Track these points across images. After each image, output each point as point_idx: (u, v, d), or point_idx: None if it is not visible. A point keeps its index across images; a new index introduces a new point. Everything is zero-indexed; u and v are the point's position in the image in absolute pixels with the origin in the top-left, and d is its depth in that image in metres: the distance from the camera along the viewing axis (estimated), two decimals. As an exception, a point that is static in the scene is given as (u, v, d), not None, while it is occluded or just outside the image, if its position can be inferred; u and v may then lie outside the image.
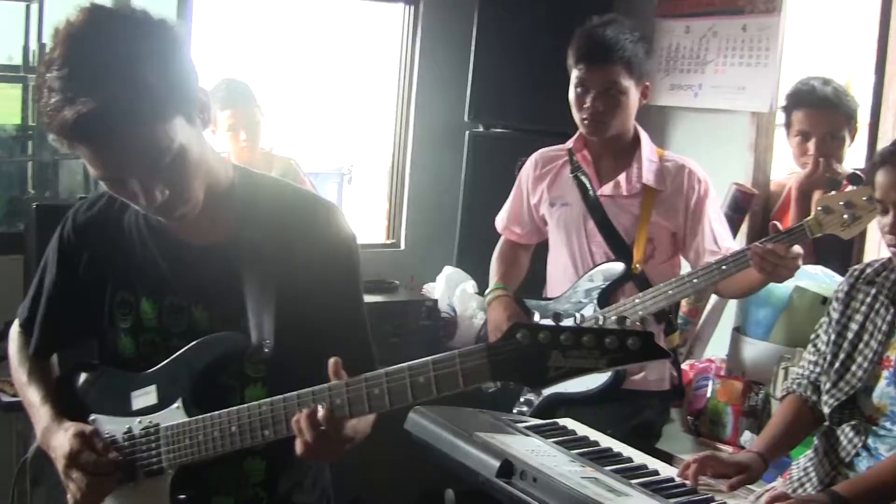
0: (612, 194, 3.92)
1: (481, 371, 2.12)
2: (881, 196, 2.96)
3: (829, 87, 4.28)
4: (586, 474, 2.66)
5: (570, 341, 2.04)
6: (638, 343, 2.03)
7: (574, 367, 2.05)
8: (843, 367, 3.12)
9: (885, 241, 3.00)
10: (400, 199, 5.75)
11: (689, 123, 5.21)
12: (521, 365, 2.08)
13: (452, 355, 2.15)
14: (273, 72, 7.76)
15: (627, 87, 3.84)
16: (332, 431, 2.26)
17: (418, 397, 2.18)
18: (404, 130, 5.72)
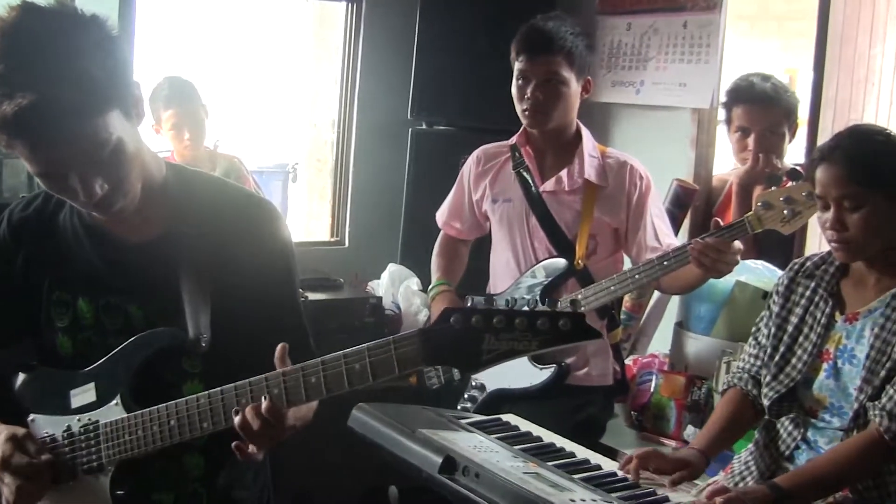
0: (554, 190, 3.93)
1: (415, 356, 2.15)
2: (821, 192, 2.98)
3: (768, 83, 4.32)
4: (529, 469, 2.67)
5: (502, 324, 2.07)
6: (569, 324, 2.06)
7: (507, 349, 2.08)
8: (783, 360, 3.14)
9: (826, 236, 3.02)
10: (344, 196, 5.74)
11: (632, 120, 5.24)
12: (455, 348, 2.11)
13: (387, 341, 2.18)
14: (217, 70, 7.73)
15: (568, 78, 3.86)
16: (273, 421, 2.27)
17: (354, 384, 2.20)
18: (347, 128, 5.71)
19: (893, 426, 2.82)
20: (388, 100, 5.55)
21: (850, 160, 2.92)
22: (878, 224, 2.93)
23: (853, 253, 3.00)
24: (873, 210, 2.91)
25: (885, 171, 2.93)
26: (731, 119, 4.41)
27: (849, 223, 2.93)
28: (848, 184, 2.91)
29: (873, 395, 2.91)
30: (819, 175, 2.98)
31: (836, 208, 2.94)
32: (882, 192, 2.91)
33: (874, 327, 2.98)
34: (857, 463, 2.88)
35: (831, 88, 4.54)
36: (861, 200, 2.91)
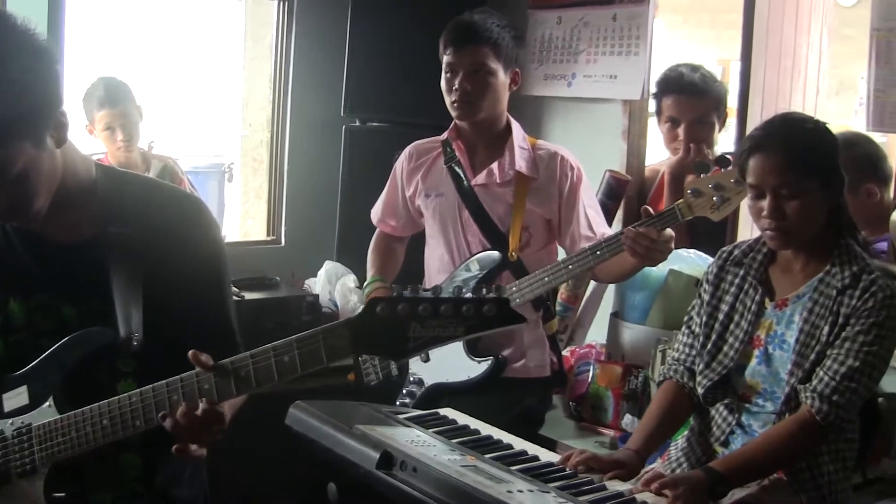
0: (486, 183, 3.95)
1: (343, 346, 2.17)
2: (757, 181, 3.01)
3: (697, 73, 4.35)
4: (466, 462, 2.68)
5: (427, 311, 2.09)
6: (494, 310, 2.09)
7: (433, 336, 2.10)
8: (716, 348, 3.18)
9: (761, 224, 3.06)
10: (279, 195, 5.72)
11: (564, 113, 5.26)
12: (382, 337, 2.13)
13: (315, 332, 2.19)
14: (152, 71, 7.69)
15: (495, 68, 3.88)
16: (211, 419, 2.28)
17: (284, 376, 2.22)
18: (281, 127, 5.70)
19: (824, 407, 2.88)
20: (321, 98, 5.53)
21: (786, 149, 2.97)
22: (813, 212, 2.99)
23: (789, 241, 3.05)
24: (809, 198, 2.96)
25: (818, 159, 2.99)
26: (661, 110, 4.44)
27: (787, 211, 2.97)
28: (786, 172, 2.96)
29: (803, 378, 2.96)
30: (753, 164, 3.02)
31: (774, 197, 2.98)
32: (816, 180, 2.96)
33: (803, 312, 3.03)
34: (790, 445, 2.94)
35: (759, 78, 4.60)
36: (798, 189, 2.95)
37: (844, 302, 2.96)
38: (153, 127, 5.47)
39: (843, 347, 2.93)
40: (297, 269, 5.40)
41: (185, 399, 2.29)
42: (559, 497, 2.55)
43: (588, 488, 2.70)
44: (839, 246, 3.06)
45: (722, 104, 4.41)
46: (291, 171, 5.66)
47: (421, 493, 2.49)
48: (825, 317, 2.98)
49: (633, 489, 2.74)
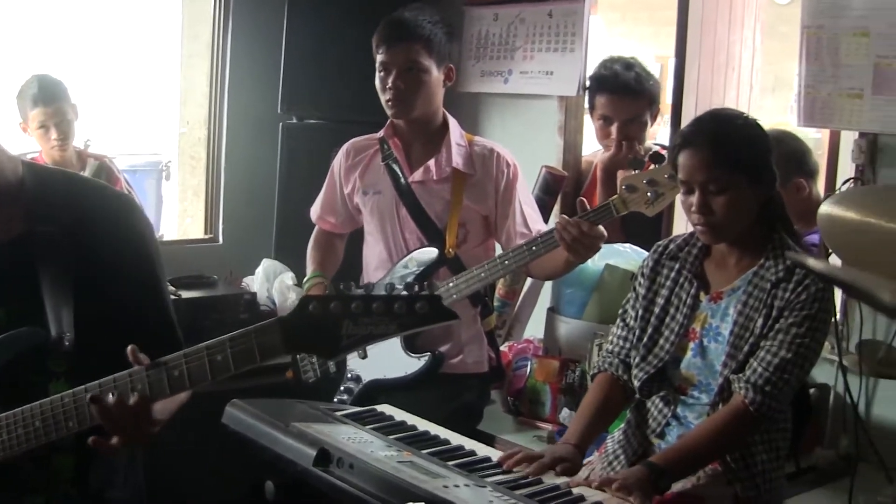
0: (423, 180, 3.97)
1: (276, 344, 2.18)
2: (685, 177, 3.05)
3: (631, 71, 4.36)
4: (403, 458, 2.69)
5: (360, 309, 2.10)
6: (426, 307, 2.10)
7: (365, 333, 2.11)
8: (652, 341, 3.22)
9: (692, 220, 3.10)
10: (216, 193, 5.69)
11: (500, 109, 5.28)
12: (315, 335, 2.13)
13: (248, 331, 2.20)
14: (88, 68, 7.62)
15: (428, 66, 3.90)
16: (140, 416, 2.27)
17: (217, 375, 2.22)
18: (218, 124, 5.67)
19: (757, 397, 2.92)
20: (258, 95, 5.51)
21: (714, 145, 3.00)
22: (742, 207, 3.02)
23: (719, 235, 3.08)
24: (737, 193, 3.00)
25: (747, 155, 3.02)
26: (594, 106, 4.46)
27: (714, 207, 3.00)
28: (713, 168, 2.99)
29: (736, 369, 3.00)
30: (683, 160, 3.05)
31: (702, 193, 3.01)
32: (745, 175, 3.00)
33: (737, 305, 3.07)
34: (725, 435, 2.97)
35: (693, 74, 4.65)
36: (725, 184, 2.99)
37: (778, 295, 3.00)
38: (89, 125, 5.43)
39: (777, 339, 2.97)
40: (234, 268, 5.38)
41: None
42: (496, 492, 2.57)
43: (525, 482, 2.72)
44: (773, 240, 3.10)
45: (655, 102, 4.43)
46: (229, 168, 5.64)
47: (358, 490, 2.50)
48: (759, 309, 3.02)
49: (569, 482, 2.76)
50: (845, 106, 3.88)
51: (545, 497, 2.60)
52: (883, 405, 3.85)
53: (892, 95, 3.74)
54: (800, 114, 4.03)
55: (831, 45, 3.89)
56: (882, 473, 3.65)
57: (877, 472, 3.66)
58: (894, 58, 3.72)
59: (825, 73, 3.91)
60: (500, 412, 4.30)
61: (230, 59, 5.58)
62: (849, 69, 3.85)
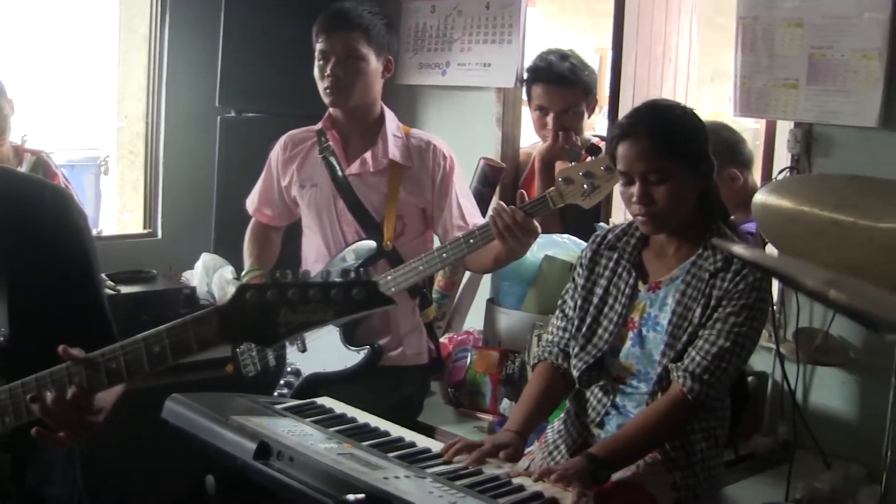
0: (360, 172, 3.97)
1: (213, 334, 2.17)
2: (625, 168, 3.06)
3: (566, 62, 4.39)
4: (343, 450, 2.68)
5: (297, 297, 2.10)
6: (363, 293, 2.11)
7: (302, 320, 2.12)
8: (591, 331, 3.23)
9: (632, 210, 3.11)
10: (155, 187, 5.65)
11: (438, 101, 5.28)
12: (252, 324, 2.13)
13: (185, 321, 2.19)
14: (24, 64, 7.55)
15: (367, 54, 3.91)
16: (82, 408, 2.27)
17: (155, 366, 2.21)
18: (156, 118, 5.63)
19: (695, 386, 2.94)
20: (196, 89, 5.48)
21: (653, 135, 3.02)
22: (683, 196, 3.05)
23: (660, 226, 3.10)
24: (677, 182, 3.02)
25: (685, 143, 3.04)
26: (531, 97, 4.49)
27: (655, 196, 3.02)
28: (653, 158, 3.01)
29: (675, 358, 3.02)
30: (622, 151, 3.07)
31: (642, 183, 3.03)
32: (683, 164, 3.02)
33: (676, 294, 3.09)
34: (664, 424, 2.99)
35: (630, 66, 4.67)
36: (666, 174, 3.01)
37: (716, 284, 3.02)
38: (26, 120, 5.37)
39: (715, 328, 2.99)
40: (174, 262, 5.35)
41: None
42: (436, 482, 2.56)
43: (465, 473, 2.71)
44: (711, 230, 3.12)
45: (591, 93, 4.46)
46: (167, 163, 5.60)
47: (298, 482, 2.49)
48: (697, 299, 3.04)
49: (510, 472, 2.76)
50: (780, 96, 3.91)
51: (485, 487, 2.59)
52: (820, 392, 3.89)
53: (826, 86, 3.77)
54: (736, 104, 4.06)
55: (766, 35, 3.92)
56: (819, 459, 3.68)
57: (814, 458, 3.69)
58: (828, 48, 3.75)
59: (761, 64, 3.95)
60: (441, 403, 4.31)
61: (167, 52, 5.54)
62: (784, 60, 3.89)
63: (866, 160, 3.69)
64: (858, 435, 3.72)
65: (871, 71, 3.64)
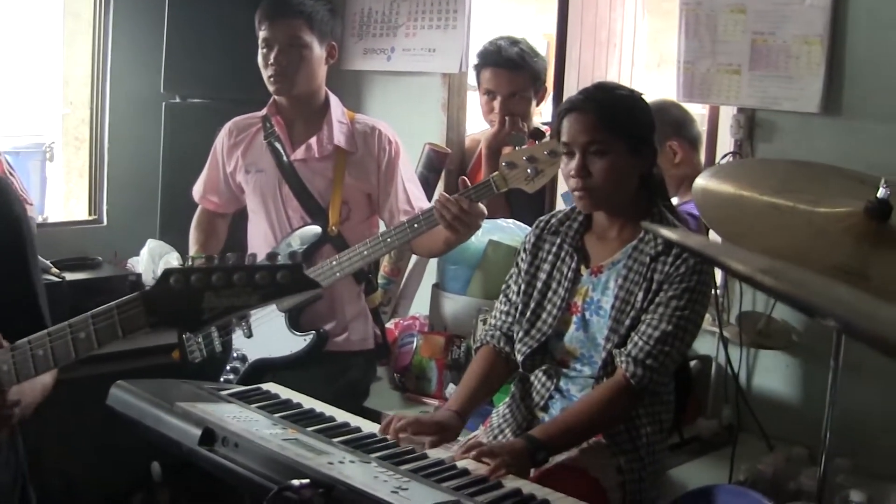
0: (305, 158, 3.97)
1: (138, 319, 2.17)
2: (568, 139, 3.08)
3: (515, 47, 4.41)
4: (287, 436, 2.68)
5: (221, 281, 2.10)
6: (288, 276, 2.12)
7: (227, 305, 2.12)
8: (535, 316, 3.25)
9: (570, 185, 3.13)
10: (100, 174, 5.61)
11: (384, 86, 5.27)
12: (177, 308, 2.14)
13: (110, 307, 2.19)
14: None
15: (310, 41, 3.91)
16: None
17: (81, 353, 2.22)
18: (101, 104, 5.59)
19: (639, 371, 2.96)
20: (141, 74, 5.44)
21: (599, 108, 3.05)
22: (620, 173, 3.07)
23: (595, 201, 3.12)
24: (616, 158, 3.04)
25: (629, 121, 3.07)
26: (480, 81, 4.51)
27: (593, 170, 3.04)
28: (596, 130, 3.03)
29: (619, 343, 3.04)
30: (567, 124, 3.09)
31: (582, 155, 3.05)
32: (625, 141, 3.05)
33: (618, 279, 3.11)
34: (606, 409, 3.00)
35: (575, 51, 4.68)
36: (606, 147, 3.03)
37: (658, 268, 3.05)
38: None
39: (657, 312, 3.01)
40: (119, 249, 5.32)
41: None
42: (381, 466, 2.57)
43: (410, 457, 2.73)
44: (652, 213, 3.14)
45: (539, 79, 4.48)
46: (113, 149, 5.57)
47: (243, 468, 2.49)
48: (639, 283, 3.06)
49: (454, 456, 2.77)
50: (723, 81, 3.94)
51: (430, 472, 2.61)
52: (763, 375, 3.93)
53: (768, 71, 3.80)
54: (680, 89, 4.08)
55: (709, 21, 3.95)
56: (763, 442, 3.73)
57: (758, 440, 3.74)
58: (770, 34, 3.78)
59: (704, 50, 3.97)
60: (387, 389, 4.32)
61: (112, 38, 5.50)
62: (726, 45, 3.91)
63: (808, 145, 3.72)
64: (801, 417, 3.76)
65: (812, 57, 3.68)
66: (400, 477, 2.50)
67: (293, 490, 2.26)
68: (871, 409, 3.61)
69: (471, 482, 2.57)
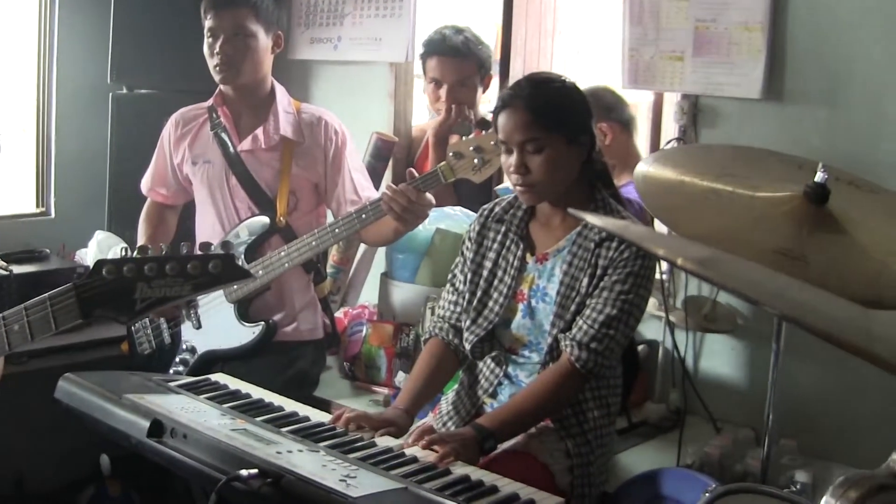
0: (252, 149, 3.97)
1: (71, 310, 2.18)
2: (504, 137, 3.10)
3: (460, 36, 4.42)
4: (236, 426, 2.69)
5: (154, 271, 2.11)
6: (220, 266, 2.12)
7: (160, 295, 2.13)
8: (482, 304, 3.26)
9: (511, 180, 3.15)
10: (47, 165, 5.58)
11: (330, 76, 5.26)
12: (110, 299, 2.15)
13: (43, 299, 2.21)
14: None
15: (255, 31, 3.91)
16: None
17: (14, 345, 2.23)
18: (47, 96, 5.56)
19: (583, 355, 2.98)
20: (87, 65, 5.40)
21: (530, 106, 3.05)
22: (559, 166, 3.08)
23: (537, 195, 3.14)
24: (553, 152, 3.05)
25: (563, 115, 3.08)
26: (426, 70, 4.51)
27: (531, 166, 3.06)
28: (530, 128, 3.04)
29: (565, 328, 3.06)
30: (502, 121, 3.10)
31: (519, 152, 3.07)
32: (561, 135, 3.05)
33: (563, 265, 3.13)
34: (553, 394, 3.03)
35: (520, 39, 4.70)
36: (542, 144, 3.04)
37: (602, 254, 3.07)
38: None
39: (602, 297, 3.04)
40: (67, 241, 5.29)
41: None
42: (329, 455, 2.59)
43: (358, 445, 2.74)
44: (595, 200, 3.17)
45: (485, 66, 4.50)
46: (59, 140, 5.53)
47: (192, 459, 2.50)
48: (584, 269, 3.09)
49: (403, 444, 2.79)
50: (667, 68, 3.97)
51: (378, 459, 2.63)
52: (709, 359, 3.97)
53: (710, 58, 3.84)
54: (624, 76, 4.11)
55: (653, 8, 3.98)
56: (710, 424, 3.78)
57: (705, 423, 3.79)
58: (712, 21, 3.82)
59: (648, 37, 4.00)
60: (337, 378, 4.33)
61: (58, 28, 5.47)
62: (670, 33, 3.94)
63: (750, 131, 3.76)
64: (746, 400, 3.80)
65: (753, 43, 3.72)
66: (348, 465, 2.52)
67: (241, 480, 2.28)
68: (814, 391, 3.67)
69: (419, 469, 2.59)
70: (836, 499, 1.46)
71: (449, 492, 2.46)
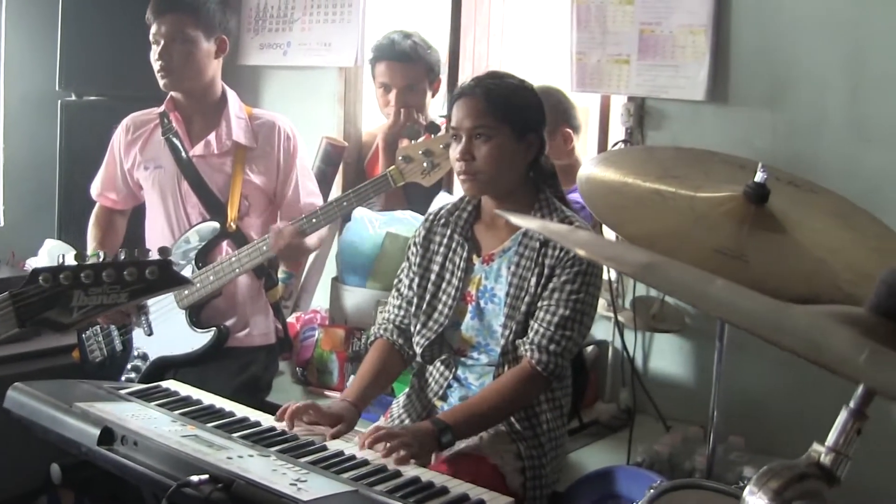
0: (204, 154, 3.98)
1: (8, 319, 2.17)
2: (456, 124, 3.13)
3: (408, 40, 4.44)
4: (187, 433, 2.69)
5: (91, 279, 2.11)
6: (156, 272, 2.12)
7: (97, 303, 2.13)
8: (431, 308, 3.28)
9: (456, 168, 3.17)
10: (-6, 174, 5.57)
11: (280, 81, 5.27)
12: (47, 307, 2.14)
13: None
14: None
15: (195, 36, 3.92)
16: None
17: None
18: (-6, 103, 5.54)
19: (544, 357, 3.01)
20: (35, 72, 5.39)
21: (487, 94, 3.10)
22: (504, 159, 3.11)
23: (479, 185, 3.15)
24: (501, 143, 3.08)
25: (516, 110, 3.11)
26: (374, 75, 4.53)
27: (477, 154, 3.09)
28: (482, 115, 3.08)
29: (518, 330, 3.08)
30: (455, 109, 3.14)
31: (468, 139, 3.10)
32: (511, 127, 3.09)
33: (510, 266, 3.15)
34: (513, 396, 3.06)
35: (468, 43, 4.71)
36: (492, 132, 3.08)
37: (548, 253, 3.10)
38: None
39: (553, 298, 3.06)
40: (17, 249, 5.27)
41: None
42: (280, 459, 2.59)
43: (309, 449, 2.75)
44: (539, 199, 3.20)
45: (433, 70, 4.52)
46: (8, 148, 5.51)
47: (143, 466, 2.50)
48: (531, 269, 3.11)
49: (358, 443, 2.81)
50: (613, 71, 4.00)
51: (329, 462, 2.63)
52: (658, 358, 4.01)
53: (655, 60, 3.88)
54: (572, 80, 4.13)
55: (599, 12, 4.01)
56: (659, 423, 3.81)
57: (654, 422, 3.82)
58: (657, 24, 3.86)
59: (595, 41, 4.03)
60: (289, 382, 4.34)
61: (5, 34, 5.44)
62: (616, 36, 3.98)
63: (696, 132, 3.81)
64: (695, 398, 3.82)
65: (697, 46, 3.76)
66: (299, 469, 2.52)
67: (192, 486, 2.28)
68: (761, 388, 3.71)
69: (370, 472, 2.59)
70: (759, 488, 1.49)
71: (400, 493, 2.46)
